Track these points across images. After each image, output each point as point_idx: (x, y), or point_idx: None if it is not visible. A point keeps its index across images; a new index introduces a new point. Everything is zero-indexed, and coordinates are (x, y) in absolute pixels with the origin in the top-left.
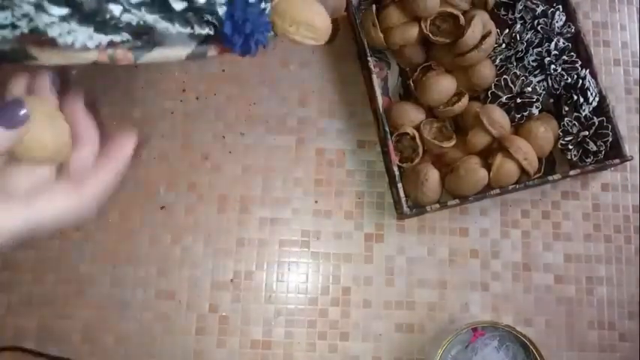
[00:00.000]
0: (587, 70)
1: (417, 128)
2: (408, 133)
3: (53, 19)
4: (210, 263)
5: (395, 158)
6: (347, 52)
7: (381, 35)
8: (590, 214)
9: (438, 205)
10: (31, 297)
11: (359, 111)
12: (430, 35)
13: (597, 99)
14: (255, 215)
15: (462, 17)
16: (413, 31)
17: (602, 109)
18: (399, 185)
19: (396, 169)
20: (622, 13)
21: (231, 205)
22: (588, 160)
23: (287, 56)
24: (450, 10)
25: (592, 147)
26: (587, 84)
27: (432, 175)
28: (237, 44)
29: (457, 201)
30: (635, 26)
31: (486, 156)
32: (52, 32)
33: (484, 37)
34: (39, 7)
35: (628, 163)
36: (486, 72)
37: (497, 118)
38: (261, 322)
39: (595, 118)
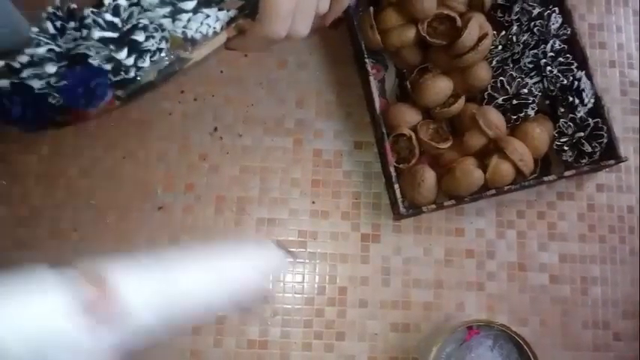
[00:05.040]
0: (583, 72)
1: (414, 129)
2: (404, 134)
3: (189, 15)
4: None
5: (391, 159)
6: (344, 53)
7: (379, 37)
8: (585, 214)
9: (434, 206)
10: None
11: (356, 112)
12: (427, 37)
13: (593, 100)
14: (252, 216)
15: (458, 19)
16: (410, 33)
17: (598, 110)
18: (396, 186)
19: (392, 170)
20: (618, 15)
21: (228, 206)
22: (583, 161)
23: (284, 58)
24: (446, 12)
25: (587, 148)
26: (582, 85)
27: (429, 176)
28: None
29: (453, 201)
30: (631, 28)
31: (482, 157)
32: (190, 31)
33: (480, 39)
34: (174, 13)
35: (623, 164)
36: (483, 73)
37: (494, 120)
38: (258, 321)
39: (590, 119)
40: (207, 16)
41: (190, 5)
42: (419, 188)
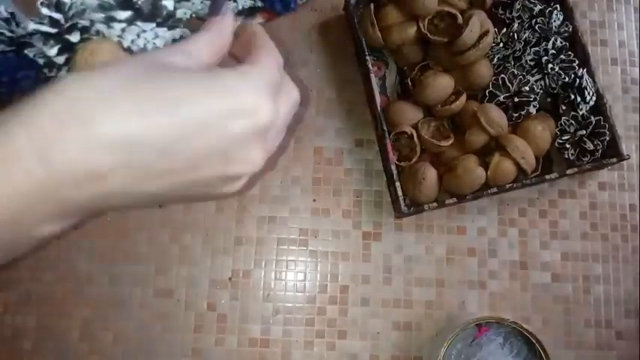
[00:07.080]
0: (585, 69)
1: (415, 127)
2: (405, 132)
3: (123, 25)
4: (209, 262)
5: (393, 157)
6: (345, 51)
7: (379, 34)
8: (587, 212)
9: (435, 204)
10: (30, 295)
11: (357, 110)
12: (428, 34)
13: (594, 98)
14: (253, 214)
15: (459, 16)
16: (411, 30)
17: (600, 108)
18: (397, 184)
19: (393, 167)
20: (619, 13)
21: (229, 204)
22: (585, 159)
23: (285, 55)
24: (447, 9)
25: (589, 146)
26: (584, 83)
27: (430, 174)
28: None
29: (455, 200)
30: (633, 25)
31: (484, 155)
32: (126, 41)
33: (482, 36)
34: (109, 20)
35: (625, 162)
36: (484, 71)
37: (495, 117)
38: (260, 320)
39: (592, 117)
40: (144, 30)
41: (123, 15)
42: (420, 186)
